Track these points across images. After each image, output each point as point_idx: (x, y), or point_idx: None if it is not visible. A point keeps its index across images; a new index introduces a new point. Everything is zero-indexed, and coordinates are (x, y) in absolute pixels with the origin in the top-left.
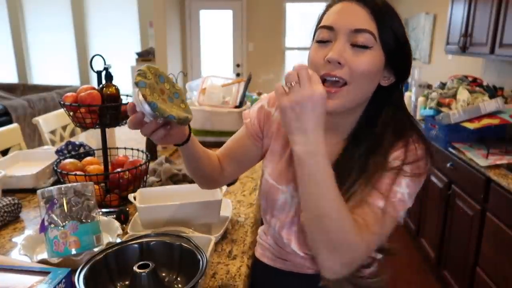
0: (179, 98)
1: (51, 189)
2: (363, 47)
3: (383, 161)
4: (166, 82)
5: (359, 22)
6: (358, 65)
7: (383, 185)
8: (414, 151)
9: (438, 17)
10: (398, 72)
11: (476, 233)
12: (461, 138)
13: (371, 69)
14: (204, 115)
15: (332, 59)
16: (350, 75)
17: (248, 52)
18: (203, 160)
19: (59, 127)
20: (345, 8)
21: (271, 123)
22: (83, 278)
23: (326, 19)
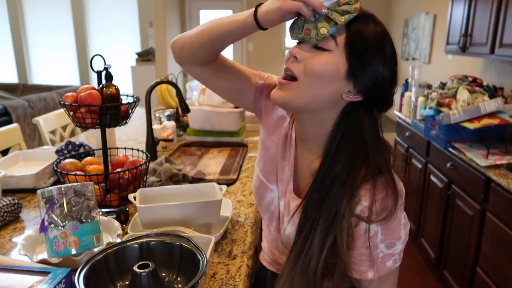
0: None
1: (51, 189)
2: (321, 48)
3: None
4: None
5: None
6: (311, 64)
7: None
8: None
9: (438, 17)
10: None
11: (476, 233)
12: (461, 138)
13: (323, 70)
14: (204, 115)
15: (291, 53)
16: (303, 72)
17: (248, 52)
18: (226, 44)
19: (59, 127)
20: None
21: (273, 114)
22: (83, 278)
23: None
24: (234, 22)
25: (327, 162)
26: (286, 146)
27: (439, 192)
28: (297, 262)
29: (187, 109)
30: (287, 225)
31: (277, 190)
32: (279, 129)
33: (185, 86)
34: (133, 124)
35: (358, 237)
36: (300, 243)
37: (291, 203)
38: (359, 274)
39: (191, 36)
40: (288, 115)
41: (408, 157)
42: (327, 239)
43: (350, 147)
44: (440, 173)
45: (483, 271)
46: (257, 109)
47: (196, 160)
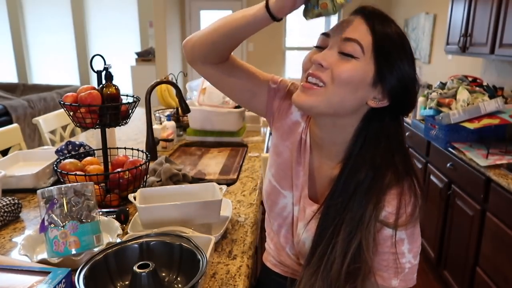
0: None
1: (51, 189)
2: (349, 55)
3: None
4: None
5: (351, 31)
6: (339, 71)
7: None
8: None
9: (438, 17)
10: (394, 99)
11: (476, 233)
12: (461, 138)
13: (351, 77)
14: (204, 115)
15: (314, 61)
16: (330, 79)
17: (248, 52)
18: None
19: (59, 127)
20: (348, 19)
21: (286, 119)
22: (83, 278)
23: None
24: (246, 17)
25: (348, 168)
26: (301, 151)
27: (439, 192)
28: (318, 267)
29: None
30: (302, 230)
31: (291, 196)
32: (293, 135)
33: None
34: (133, 124)
35: (382, 243)
36: (322, 248)
37: (307, 209)
38: (382, 280)
39: (203, 34)
40: (303, 120)
41: None
42: (351, 244)
43: (374, 153)
44: (440, 173)
45: (483, 271)
46: (269, 113)
47: (196, 160)
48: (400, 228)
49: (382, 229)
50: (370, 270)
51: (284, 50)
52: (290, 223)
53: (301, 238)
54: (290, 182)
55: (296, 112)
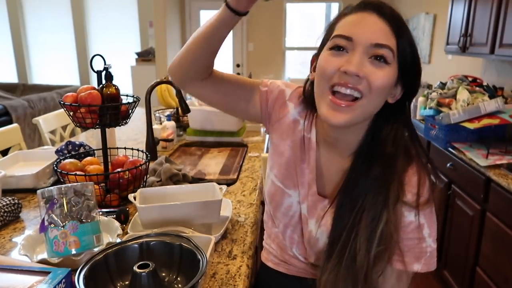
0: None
1: (51, 189)
2: (383, 61)
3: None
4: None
5: (381, 36)
6: (376, 80)
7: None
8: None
9: (438, 17)
10: (407, 88)
11: (476, 233)
12: (461, 138)
13: (387, 85)
14: (204, 115)
15: (351, 72)
16: (368, 89)
17: (248, 52)
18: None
19: (59, 127)
20: (365, 20)
21: (284, 118)
22: (83, 278)
23: (342, 28)
24: (213, 22)
25: (361, 159)
26: (305, 149)
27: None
28: (341, 258)
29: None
30: (314, 227)
31: (296, 194)
32: (293, 133)
33: None
34: (133, 124)
35: (404, 229)
36: (343, 239)
37: (318, 205)
38: (404, 265)
39: (182, 54)
40: (301, 118)
41: None
42: (376, 228)
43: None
44: (440, 173)
45: (483, 271)
46: (265, 116)
47: (196, 160)
48: (421, 208)
49: (403, 215)
50: (391, 255)
51: (284, 50)
52: (296, 222)
53: (314, 234)
54: (294, 181)
55: (293, 111)
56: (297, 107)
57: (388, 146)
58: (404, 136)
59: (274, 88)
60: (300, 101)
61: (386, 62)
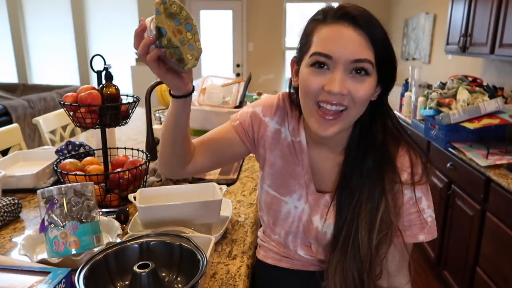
0: (193, 51)
1: (51, 189)
2: (363, 75)
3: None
4: (192, 34)
5: (359, 51)
6: (359, 93)
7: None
8: (415, 158)
9: (438, 17)
10: (384, 84)
11: (476, 233)
12: (461, 138)
13: (369, 94)
14: (204, 115)
15: (335, 93)
16: (352, 102)
17: (248, 52)
18: (186, 134)
19: (59, 127)
20: (342, 34)
21: (265, 133)
22: (83, 278)
23: (320, 45)
24: (170, 113)
25: (353, 153)
26: (296, 153)
27: (439, 192)
28: (345, 251)
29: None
30: (319, 222)
31: (292, 200)
32: (278, 142)
33: None
34: (133, 124)
35: (404, 206)
36: (345, 231)
37: (320, 201)
38: (409, 238)
39: (162, 153)
40: (282, 126)
41: None
42: (375, 220)
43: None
44: (440, 173)
45: (483, 271)
46: (251, 144)
47: None
48: (417, 184)
49: (401, 194)
50: (393, 237)
51: (284, 50)
52: (297, 227)
53: (321, 229)
54: (289, 188)
55: (271, 123)
56: (273, 118)
57: (377, 137)
58: (389, 124)
59: (244, 116)
60: (274, 112)
61: (367, 73)
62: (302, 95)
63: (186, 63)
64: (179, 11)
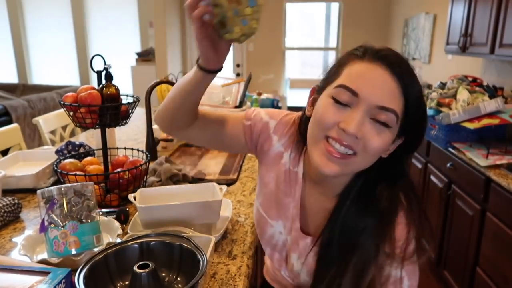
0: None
1: (51, 189)
2: (384, 125)
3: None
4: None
5: (387, 98)
6: (374, 143)
7: None
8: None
9: (438, 17)
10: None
11: (476, 233)
12: (461, 138)
13: (383, 148)
14: None
15: (349, 133)
16: (362, 149)
17: (248, 52)
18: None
19: (59, 127)
20: (375, 75)
21: (269, 150)
22: (83, 278)
23: (350, 78)
24: (188, 81)
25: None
26: (290, 183)
27: (439, 192)
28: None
29: None
30: (296, 262)
31: (278, 225)
32: (277, 166)
33: None
34: (133, 124)
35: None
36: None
37: (300, 242)
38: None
39: (164, 107)
40: (286, 151)
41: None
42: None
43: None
44: (440, 173)
45: (483, 271)
46: (251, 148)
47: (196, 160)
48: (406, 263)
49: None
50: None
51: (284, 50)
52: (281, 248)
53: (295, 269)
54: (277, 213)
55: (277, 143)
56: (281, 139)
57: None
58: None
59: (257, 121)
60: (285, 132)
61: (388, 126)
62: (312, 124)
63: (229, 31)
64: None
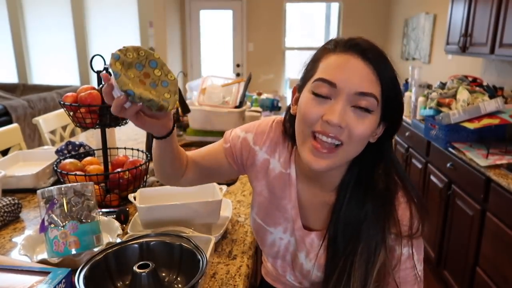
0: (167, 87)
1: (51, 189)
2: (365, 111)
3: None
4: (159, 69)
5: (365, 84)
6: (358, 130)
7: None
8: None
9: (438, 17)
10: (388, 125)
11: (476, 233)
12: (461, 138)
13: (368, 133)
14: (204, 115)
15: (333, 123)
16: (348, 138)
17: (248, 52)
18: (174, 161)
19: (59, 127)
20: (350, 64)
21: (255, 162)
22: (83, 278)
23: (326, 71)
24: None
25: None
26: (284, 185)
27: (439, 192)
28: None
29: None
30: (304, 260)
31: (277, 231)
32: (266, 173)
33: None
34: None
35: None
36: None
37: (306, 239)
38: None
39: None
40: (272, 156)
41: (408, 157)
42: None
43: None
44: (440, 173)
45: (483, 271)
46: (240, 169)
47: None
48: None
49: (398, 247)
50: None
51: (284, 50)
52: (283, 254)
53: (305, 268)
54: (274, 219)
55: (260, 152)
56: (263, 147)
57: (378, 183)
58: (392, 171)
59: (235, 141)
60: (265, 140)
61: (370, 109)
62: (298, 122)
63: (167, 105)
64: (136, 55)
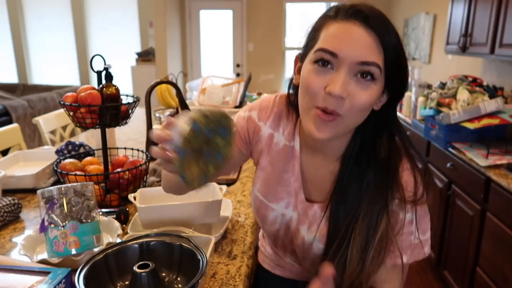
0: (220, 160)
1: (51, 189)
2: (368, 80)
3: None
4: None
5: (367, 53)
6: (360, 100)
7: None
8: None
9: (438, 17)
10: (393, 92)
11: (476, 233)
12: (461, 138)
13: (370, 103)
14: None
15: (335, 94)
16: (349, 109)
17: (248, 52)
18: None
19: (59, 127)
20: (351, 33)
21: (260, 138)
22: (83, 278)
23: (327, 41)
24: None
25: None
26: (288, 158)
27: (439, 192)
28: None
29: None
30: (306, 233)
31: (279, 207)
32: (270, 148)
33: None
34: (133, 124)
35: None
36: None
37: (309, 211)
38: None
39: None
40: (276, 130)
41: None
42: (373, 239)
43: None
44: (440, 173)
45: (483, 271)
46: (248, 148)
47: None
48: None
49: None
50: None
51: (284, 50)
52: (284, 233)
53: (307, 240)
54: (276, 195)
55: (265, 127)
56: (267, 122)
57: (381, 150)
58: (396, 139)
59: (240, 123)
60: (269, 115)
61: (373, 78)
62: (301, 93)
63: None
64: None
